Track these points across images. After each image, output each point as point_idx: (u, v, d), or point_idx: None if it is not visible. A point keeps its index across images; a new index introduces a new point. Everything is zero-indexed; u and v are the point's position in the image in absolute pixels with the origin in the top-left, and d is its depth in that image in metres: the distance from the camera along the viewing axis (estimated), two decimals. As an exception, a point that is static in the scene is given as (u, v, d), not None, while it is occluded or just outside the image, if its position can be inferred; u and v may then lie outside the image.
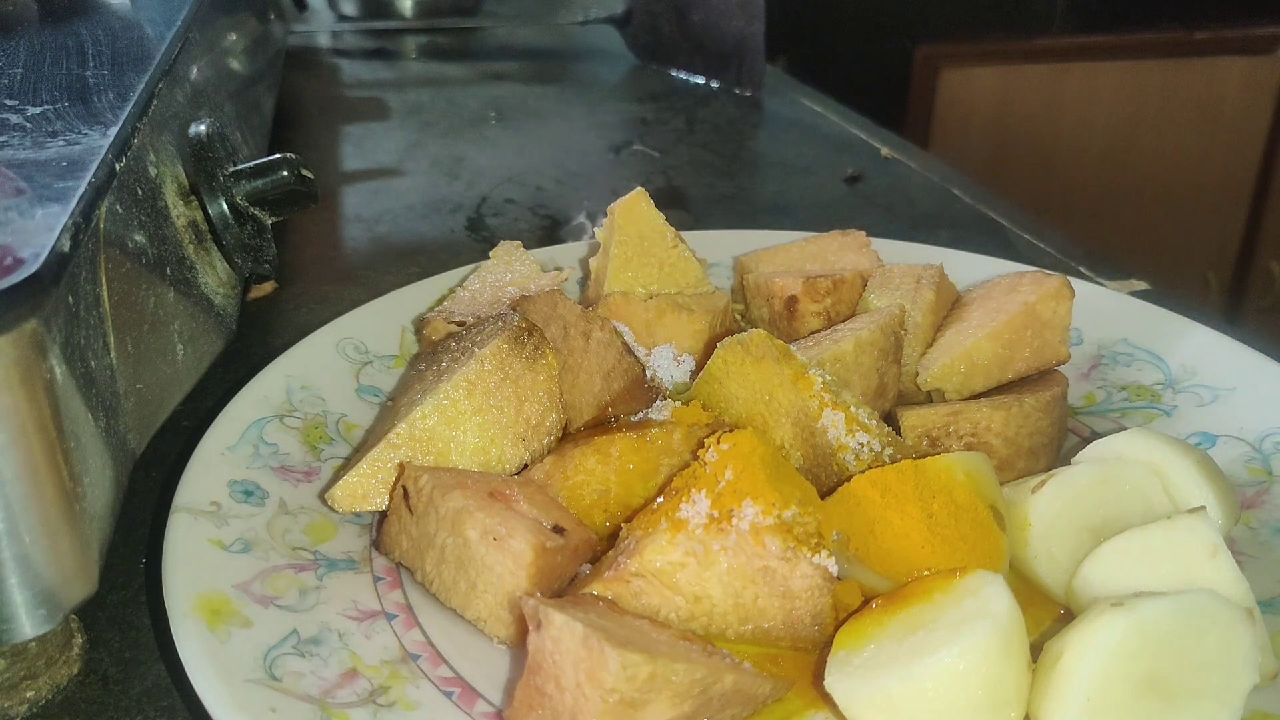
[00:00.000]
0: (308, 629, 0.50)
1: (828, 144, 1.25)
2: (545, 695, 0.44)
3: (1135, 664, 0.44)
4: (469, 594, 0.51)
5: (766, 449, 0.52)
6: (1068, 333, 0.66)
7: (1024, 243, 0.99)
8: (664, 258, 0.71)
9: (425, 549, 0.53)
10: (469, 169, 1.15)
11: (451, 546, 0.51)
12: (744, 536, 0.50)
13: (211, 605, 0.49)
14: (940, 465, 0.52)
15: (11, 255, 0.41)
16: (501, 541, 0.50)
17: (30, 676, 0.49)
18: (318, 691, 0.46)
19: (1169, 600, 0.45)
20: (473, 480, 0.54)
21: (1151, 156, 2.43)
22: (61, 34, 0.68)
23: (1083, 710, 0.43)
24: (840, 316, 0.70)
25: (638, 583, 0.50)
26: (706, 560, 0.50)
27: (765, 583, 0.50)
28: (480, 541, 0.50)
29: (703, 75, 1.42)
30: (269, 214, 0.66)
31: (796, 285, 0.70)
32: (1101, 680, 0.43)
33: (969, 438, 0.61)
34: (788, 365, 0.57)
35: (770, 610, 0.50)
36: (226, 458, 0.58)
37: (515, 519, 0.51)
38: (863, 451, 0.56)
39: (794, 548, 0.49)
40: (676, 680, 0.43)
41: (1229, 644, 0.44)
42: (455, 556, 0.51)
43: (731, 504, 0.50)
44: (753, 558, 0.50)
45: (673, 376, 0.66)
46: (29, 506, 0.41)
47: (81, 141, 0.52)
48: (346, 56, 1.55)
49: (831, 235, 0.78)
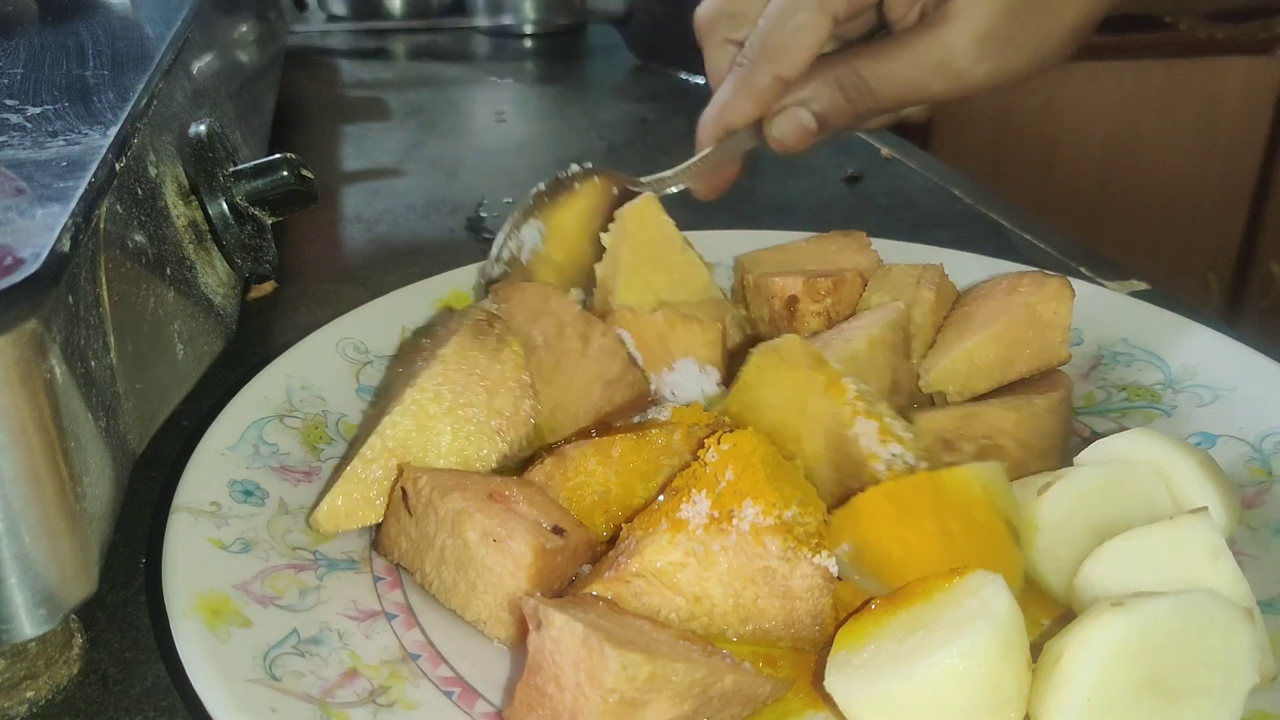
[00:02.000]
0: (308, 629, 0.50)
1: (828, 144, 1.24)
2: (545, 695, 0.44)
3: (1135, 664, 0.44)
4: (469, 595, 0.51)
5: (767, 449, 0.52)
6: (1068, 333, 0.66)
7: (1024, 243, 0.99)
8: (674, 264, 0.70)
9: (425, 550, 0.53)
10: (469, 169, 1.15)
11: (451, 548, 0.51)
12: (744, 537, 0.50)
13: (211, 605, 0.49)
14: (957, 479, 0.52)
15: (11, 255, 0.41)
16: (501, 543, 0.50)
17: (30, 676, 0.49)
18: (318, 691, 0.46)
19: (1170, 600, 0.45)
20: (472, 481, 0.54)
21: (1151, 156, 2.43)
22: (61, 34, 0.68)
23: (1083, 710, 0.43)
24: (840, 316, 0.70)
25: (638, 583, 0.50)
26: (707, 560, 0.50)
27: (765, 583, 0.50)
28: (480, 543, 0.50)
29: (703, 75, 1.41)
30: (269, 214, 0.66)
31: (797, 285, 0.70)
32: (1102, 680, 0.43)
33: (983, 440, 0.60)
34: (821, 372, 0.56)
35: (770, 610, 0.50)
36: (226, 458, 0.58)
37: (515, 520, 0.51)
38: (895, 463, 0.55)
39: (794, 548, 0.49)
40: (676, 680, 0.43)
41: (1229, 644, 0.44)
42: (455, 558, 0.51)
43: (732, 504, 0.50)
44: (753, 558, 0.50)
45: (703, 390, 0.65)
46: (29, 506, 0.41)
47: (81, 141, 0.52)
48: (346, 56, 1.55)
49: (832, 235, 0.78)
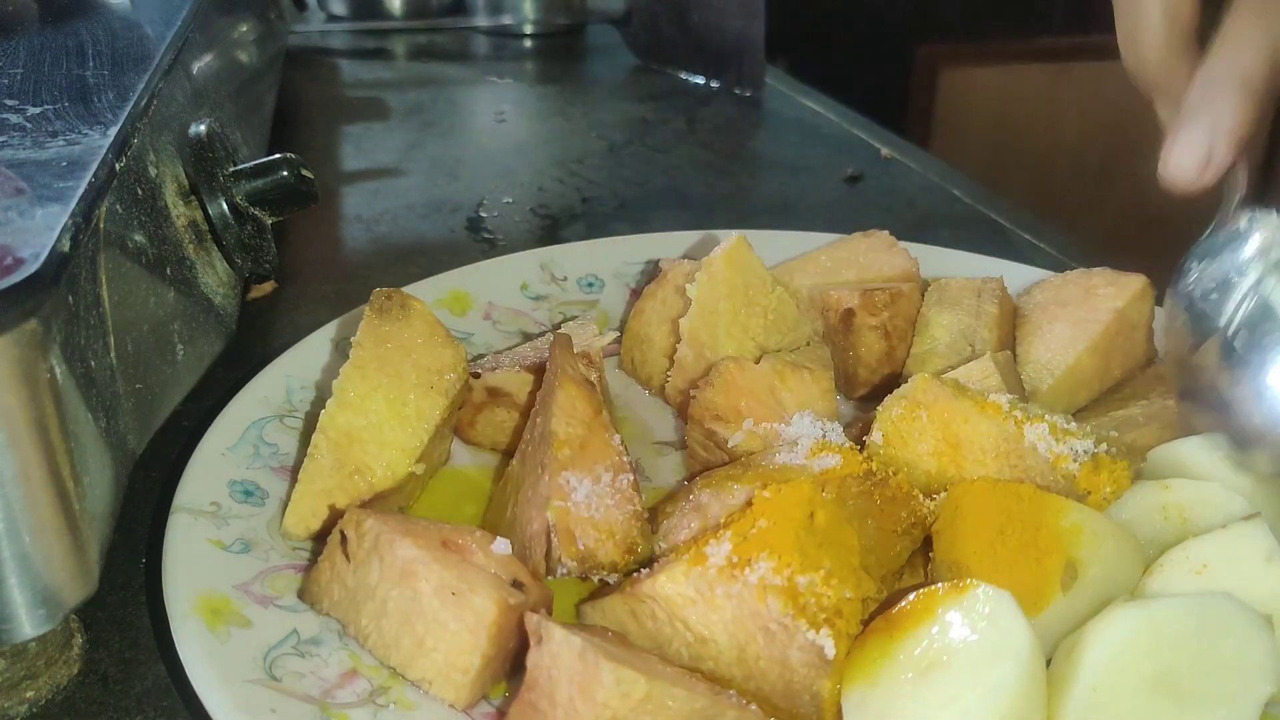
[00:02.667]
0: (308, 629, 0.50)
1: (828, 144, 1.25)
2: (539, 712, 0.43)
3: (1146, 660, 0.43)
4: (414, 652, 0.47)
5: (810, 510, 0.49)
6: (1152, 330, 0.66)
7: (1024, 243, 0.99)
8: (767, 304, 0.66)
9: (363, 601, 0.49)
10: (469, 169, 1.15)
11: (397, 600, 0.48)
12: (749, 589, 0.47)
13: (211, 605, 0.49)
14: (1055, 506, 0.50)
15: (11, 255, 0.41)
16: (461, 597, 0.46)
17: (30, 676, 0.49)
18: (318, 692, 0.46)
19: (1184, 599, 0.44)
20: (422, 528, 0.50)
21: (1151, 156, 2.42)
22: (61, 34, 0.68)
23: (1088, 701, 0.43)
24: (897, 330, 0.69)
25: (650, 605, 0.49)
26: (710, 602, 0.47)
27: (766, 644, 0.47)
28: (434, 596, 0.47)
29: (703, 75, 1.42)
30: (269, 214, 0.66)
31: (854, 298, 0.69)
32: (1109, 672, 0.43)
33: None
34: (965, 398, 0.55)
35: (770, 675, 0.47)
36: (226, 458, 0.58)
37: (474, 572, 0.48)
38: (1080, 455, 0.53)
39: (793, 616, 0.46)
40: (673, 705, 0.41)
41: (1246, 650, 0.44)
42: (400, 611, 0.48)
43: (751, 553, 0.47)
44: (755, 614, 0.47)
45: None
46: (29, 506, 0.41)
47: (81, 141, 0.52)
48: (346, 56, 1.55)
49: (855, 238, 0.77)
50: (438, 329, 0.59)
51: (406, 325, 0.58)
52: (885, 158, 1.20)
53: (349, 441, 0.56)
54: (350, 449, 0.56)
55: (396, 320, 0.58)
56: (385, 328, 0.58)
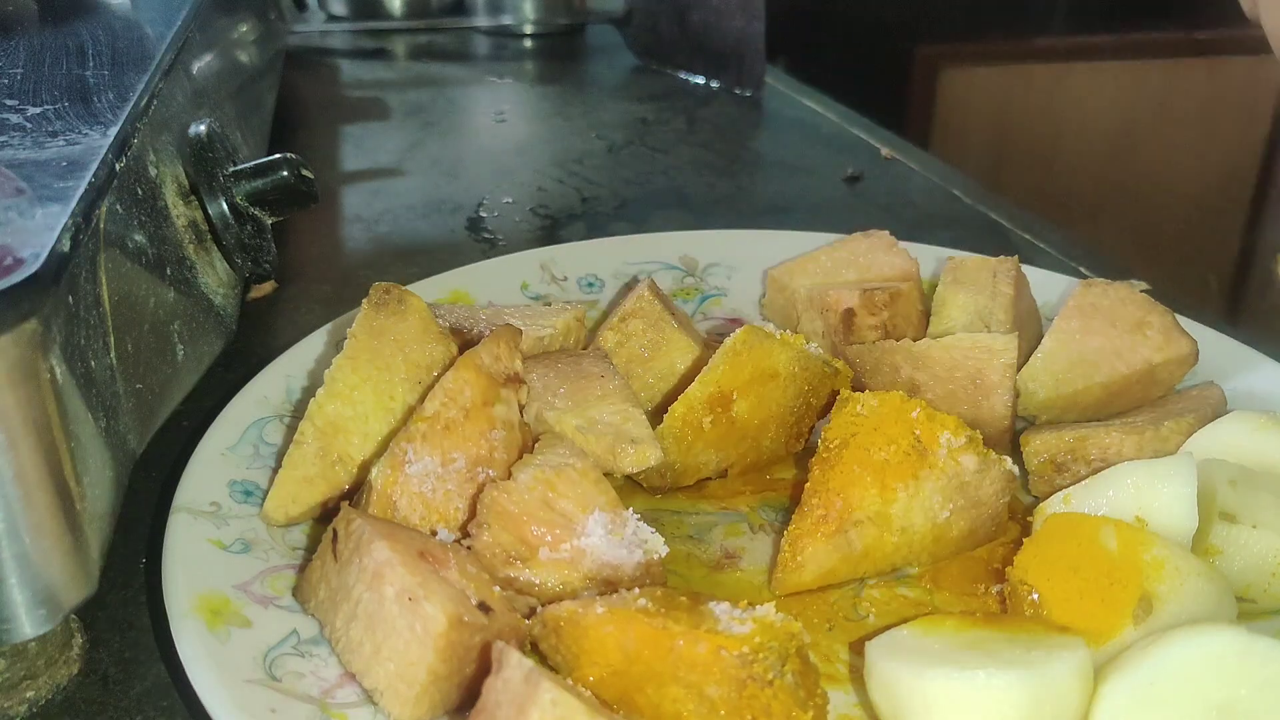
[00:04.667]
0: (308, 629, 0.50)
1: (828, 144, 1.25)
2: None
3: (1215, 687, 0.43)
4: (371, 659, 0.46)
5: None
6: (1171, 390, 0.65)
7: (1024, 243, 0.99)
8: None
9: (340, 602, 0.48)
10: (469, 169, 1.15)
11: (366, 602, 0.46)
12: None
13: (211, 605, 0.49)
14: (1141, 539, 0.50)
15: (11, 255, 0.41)
16: (416, 603, 0.44)
17: (30, 676, 0.49)
18: (317, 692, 0.46)
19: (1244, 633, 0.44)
20: (406, 534, 0.49)
21: (1151, 157, 2.43)
22: (61, 34, 0.68)
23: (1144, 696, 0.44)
24: (897, 330, 0.69)
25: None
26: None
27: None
28: (395, 601, 0.45)
29: (703, 75, 1.42)
30: (269, 214, 0.66)
31: (853, 298, 0.69)
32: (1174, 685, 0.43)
33: (1097, 462, 0.59)
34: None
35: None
36: (226, 458, 0.58)
37: (436, 582, 0.46)
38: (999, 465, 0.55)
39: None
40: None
41: None
42: (366, 614, 0.46)
43: None
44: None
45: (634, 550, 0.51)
46: (29, 506, 0.41)
47: (81, 141, 0.52)
48: (346, 56, 1.55)
49: (855, 238, 0.77)
50: (431, 325, 0.59)
51: (401, 320, 0.58)
52: (885, 158, 1.20)
53: (334, 431, 0.56)
54: (335, 438, 0.56)
55: (392, 314, 0.58)
56: (380, 321, 0.58)
